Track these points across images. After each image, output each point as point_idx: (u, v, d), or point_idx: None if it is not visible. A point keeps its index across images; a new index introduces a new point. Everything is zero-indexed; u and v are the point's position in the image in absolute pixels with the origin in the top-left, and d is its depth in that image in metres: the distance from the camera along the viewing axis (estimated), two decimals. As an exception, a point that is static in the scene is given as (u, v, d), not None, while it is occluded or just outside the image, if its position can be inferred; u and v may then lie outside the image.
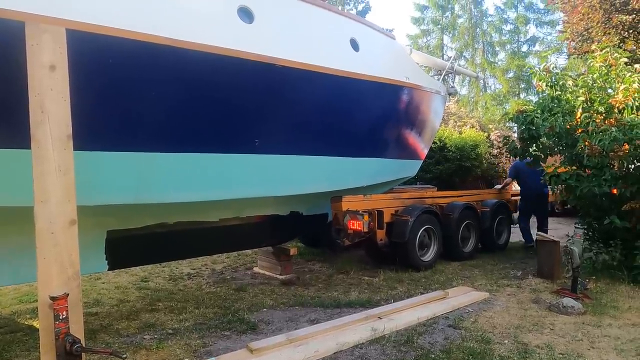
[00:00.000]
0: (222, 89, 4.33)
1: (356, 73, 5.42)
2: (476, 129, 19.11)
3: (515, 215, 8.65)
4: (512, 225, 8.59)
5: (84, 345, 2.67)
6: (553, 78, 6.45)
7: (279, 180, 5.28)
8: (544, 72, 6.48)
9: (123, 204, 4.24)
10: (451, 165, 15.63)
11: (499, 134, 19.35)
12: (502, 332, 4.07)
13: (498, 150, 18.72)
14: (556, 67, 6.50)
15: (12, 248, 3.94)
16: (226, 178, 4.72)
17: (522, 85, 32.32)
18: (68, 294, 2.63)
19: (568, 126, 6.08)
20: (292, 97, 4.90)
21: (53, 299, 2.56)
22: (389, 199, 6.68)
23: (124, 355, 2.66)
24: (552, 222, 12.00)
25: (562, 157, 6.70)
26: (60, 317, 2.57)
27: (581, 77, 6.57)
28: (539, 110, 6.40)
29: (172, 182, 4.43)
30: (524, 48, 32.62)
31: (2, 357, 3.48)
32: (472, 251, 7.42)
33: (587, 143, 5.69)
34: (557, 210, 13.34)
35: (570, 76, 6.83)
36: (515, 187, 9.44)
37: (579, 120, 6.02)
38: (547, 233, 8.52)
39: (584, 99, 6.18)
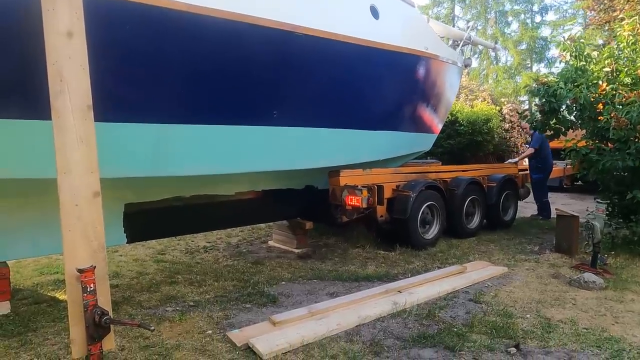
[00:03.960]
0: (241, 58, 4.19)
1: (376, 42, 5.21)
2: (488, 102, 18.74)
3: (522, 190, 8.50)
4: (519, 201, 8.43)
5: (111, 316, 2.67)
6: (577, 48, 6.21)
7: (296, 154, 5.18)
8: (569, 42, 6.24)
9: (140, 176, 4.19)
10: (462, 140, 15.39)
11: (511, 107, 18.99)
12: (524, 306, 4.05)
13: (510, 124, 18.41)
14: (582, 37, 6.24)
15: (31, 220, 3.93)
16: (243, 150, 4.64)
17: (534, 57, 31.53)
18: (95, 267, 2.61)
19: (592, 98, 5.89)
20: (311, 66, 4.73)
21: (80, 271, 2.54)
22: (390, 173, 6.38)
23: (152, 328, 2.66)
24: (562, 197, 11.93)
25: (583, 130, 6.55)
26: (88, 290, 2.55)
27: (607, 47, 6.32)
28: (562, 82, 6.20)
29: (189, 155, 4.36)
30: (537, 19, 31.66)
31: (29, 327, 3.52)
32: (477, 228, 7.19)
33: (612, 115, 5.52)
34: (565, 186, 13.16)
35: (595, 46, 6.58)
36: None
37: (603, 92, 5.83)
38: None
39: (609, 69, 5.96)
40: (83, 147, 2.76)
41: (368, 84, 5.48)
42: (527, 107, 20.94)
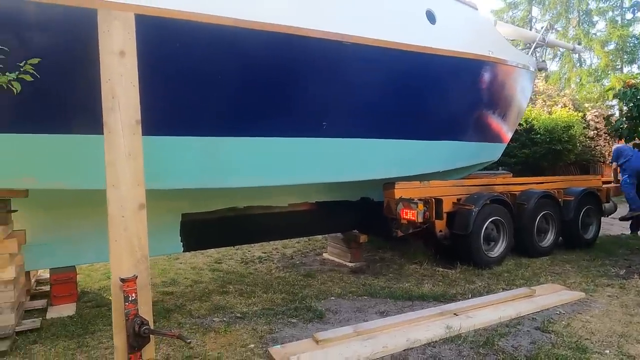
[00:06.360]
0: (290, 70, 4.19)
1: (432, 48, 4.95)
2: (569, 108, 17.24)
3: (607, 205, 7.58)
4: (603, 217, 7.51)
5: (151, 327, 2.72)
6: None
7: (349, 165, 5.07)
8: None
9: (195, 188, 4.32)
10: (539, 149, 14.30)
11: (596, 113, 17.30)
12: (602, 340, 3.54)
13: (595, 131, 16.77)
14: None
15: (95, 228, 4.19)
16: (295, 162, 4.62)
17: (626, 58, 28.47)
18: (137, 276, 2.68)
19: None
20: (362, 76, 4.61)
21: (123, 280, 2.62)
22: (450, 185, 6.02)
23: (189, 340, 2.66)
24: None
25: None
26: (130, 299, 2.62)
27: None
28: (653, 83, 5.47)
29: (241, 166, 4.42)
30: (628, 16, 28.62)
31: (88, 330, 3.73)
32: (552, 246, 6.54)
33: None
34: None
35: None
36: None
37: None
38: None
39: None
40: (131, 161, 2.87)
41: (424, 92, 5.22)
42: (612, 112, 18.93)
